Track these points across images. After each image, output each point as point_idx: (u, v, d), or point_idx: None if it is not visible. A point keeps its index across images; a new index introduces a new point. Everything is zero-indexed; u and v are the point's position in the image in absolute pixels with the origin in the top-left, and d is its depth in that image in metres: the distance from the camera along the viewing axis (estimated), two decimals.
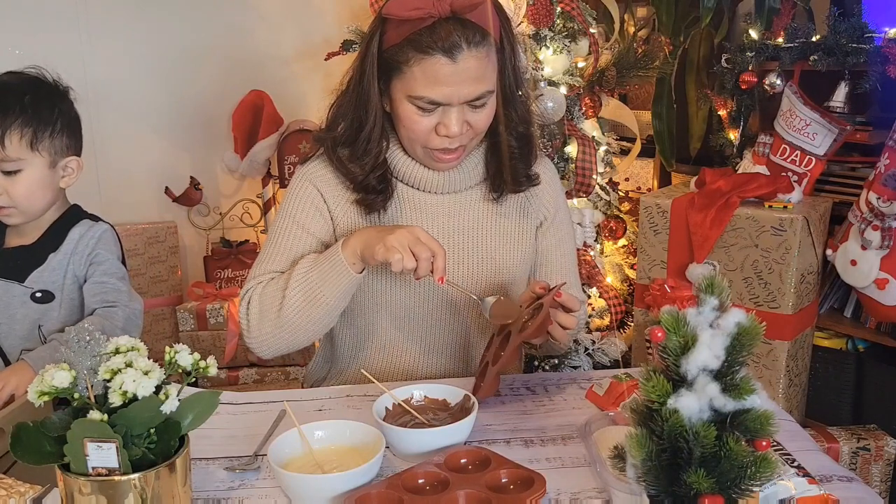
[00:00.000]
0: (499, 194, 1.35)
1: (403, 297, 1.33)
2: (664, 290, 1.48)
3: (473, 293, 1.23)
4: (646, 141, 2.95)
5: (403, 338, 1.37)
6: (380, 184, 1.30)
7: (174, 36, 2.83)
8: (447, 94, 1.19)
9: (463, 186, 1.35)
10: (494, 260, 1.36)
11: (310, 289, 1.21)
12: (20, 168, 1.31)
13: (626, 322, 2.61)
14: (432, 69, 1.17)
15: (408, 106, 1.22)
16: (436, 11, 1.16)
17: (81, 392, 0.83)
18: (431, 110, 1.21)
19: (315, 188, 1.33)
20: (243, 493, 0.98)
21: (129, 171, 2.84)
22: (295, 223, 1.31)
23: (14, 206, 1.33)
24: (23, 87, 1.32)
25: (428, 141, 1.24)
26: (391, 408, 1.11)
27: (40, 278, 1.37)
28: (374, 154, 1.28)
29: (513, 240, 1.38)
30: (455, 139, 1.23)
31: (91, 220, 1.43)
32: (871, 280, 2.05)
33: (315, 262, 1.23)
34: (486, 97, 1.22)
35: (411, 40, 1.17)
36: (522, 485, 0.92)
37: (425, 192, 1.34)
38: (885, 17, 2.25)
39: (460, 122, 1.22)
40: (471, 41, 1.17)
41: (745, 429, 0.71)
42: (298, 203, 1.32)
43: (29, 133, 1.30)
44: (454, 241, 1.35)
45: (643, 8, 3.19)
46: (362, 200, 1.30)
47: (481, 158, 1.36)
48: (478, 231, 1.36)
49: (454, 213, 1.35)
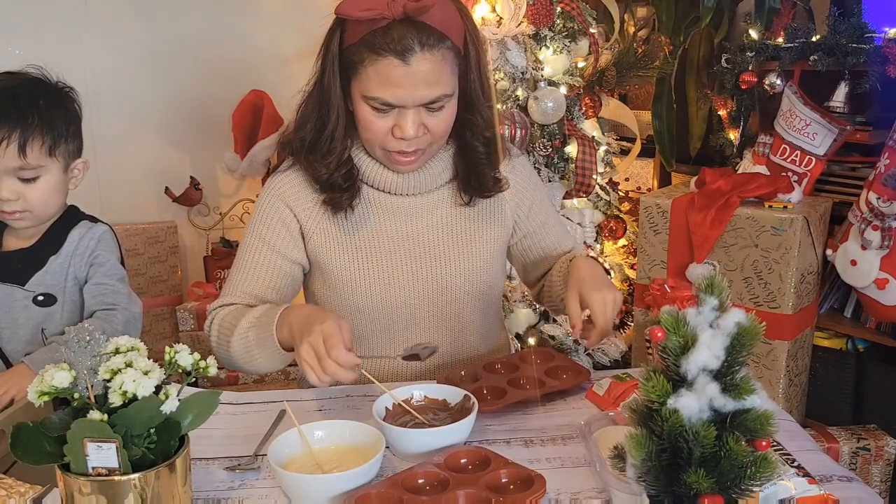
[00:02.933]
0: (469, 198, 1.34)
1: (379, 301, 1.33)
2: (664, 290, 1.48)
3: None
4: (646, 141, 2.95)
5: (387, 341, 1.36)
6: (346, 181, 1.29)
7: (174, 36, 2.83)
8: (400, 95, 1.18)
9: (427, 188, 1.34)
10: (461, 263, 1.35)
11: (248, 347, 1.22)
12: (38, 175, 1.31)
13: (626, 322, 2.61)
14: (385, 70, 1.16)
15: (364, 106, 1.22)
16: (389, 13, 1.15)
17: (81, 392, 0.83)
18: (386, 111, 1.21)
19: (283, 203, 1.32)
20: (243, 493, 0.98)
21: (129, 171, 2.84)
22: (262, 241, 1.31)
23: (29, 210, 1.33)
24: (34, 91, 1.32)
25: (385, 143, 1.24)
26: (391, 408, 1.11)
27: (42, 281, 1.36)
28: (339, 152, 1.28)
29: (480, 243, 1.37)
30: (411, 142, 1.22)
31: (90, 220, 1.42)
32: (871, 280, 2.05)
33: (256, 322, 1.21)
34: (443, 101, 1.21)
35: (366, 40, 1.17)
36: (522, 485, 0.92)
37: (390, 194, 1.33)
38: (885, 17, 2.25)
39: (416, 124, 1.21)
40: (424, 44, 1.16)
41: (745, 429, 0.71)
42: (266, 219, 1.32)
43: (49, 140, 1.30)
44: (419, 243, 1.34)
45: (643, 8, 3.19)
46: (328, 200, 1.30)
47: (449, 161, 1.35)
48: (444, 234, 1.35)
49: (420, 214, 1.34)
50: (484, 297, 1.39)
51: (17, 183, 1.30)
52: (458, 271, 1.35)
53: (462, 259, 1.36)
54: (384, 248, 1.33)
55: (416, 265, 1.34)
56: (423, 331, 1.37)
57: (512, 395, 1.17)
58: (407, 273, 1.33)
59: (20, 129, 1.26)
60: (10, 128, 1.26)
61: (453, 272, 1.35)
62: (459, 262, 1.36)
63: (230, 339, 1.23)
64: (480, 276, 1.37)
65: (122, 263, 1.43)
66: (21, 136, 1.27)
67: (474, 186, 1.34)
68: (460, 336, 1.40)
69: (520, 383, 1.22)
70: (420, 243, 1.34)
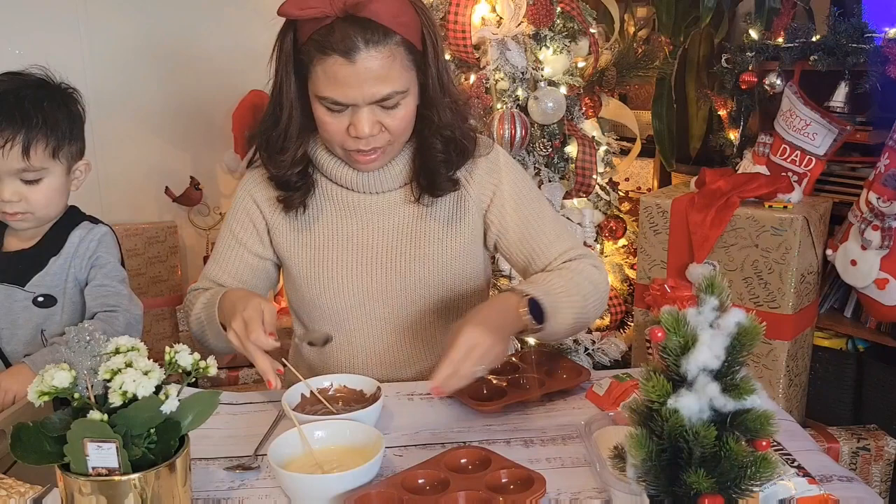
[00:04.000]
0: (418, 196, 1.31)
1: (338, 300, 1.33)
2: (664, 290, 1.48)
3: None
4: (646, 141, 2.95)
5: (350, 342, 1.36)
6: (300, 180, 1.30)
7: (174, 36, 2.82)
8: (350, 94, 1.16)
9: (387, 187, 1.32)
10: (420, 263, 1.32)
11: (201, 326, 1.30)
12: (41, 177, 1.31)
13: (626, 322, 2.61)
14: (332, 70, 1.15)
15: (318, 106, 1.21)
16: (330, 11, 1.13)
17: (81, 392, 0.83)
18: (340, 111, 1.19)
19: (251, 199, 1.36)
20: (243, 493, 0.98)
21: (129, 172, 2.84)
22: (232, 235, 1.37)
23: (32, 211, 1.32)
24: (38, 93, 1.31)
25: (343, 142, 1.23)
26: (307, 395, 1.16)
27: (42, 282, 1.36)
28: (292, 151, 1.27)
29: (439, 244, 1.33)
30: (368, 140, 1.21)
31: (91, 222, 1.42)
32: (871, 280, 2.05)
33: (205, 304, 1.29)
34: (397, 98, 1.19)
35: (313, 40, 1.16)
36: (522, 485, 0.92)
37: (350, 191, 1.32)
38: (885, 17, 2.25)
39: (370, 122, 1.19)
40: (369, 41, 1.14)
41: (746, 429, 0.71)
42: (236, 213, 1.38)
43: (52, 142, 1.30)
44: (380, 242, 1.33)
45: (643, 8, 3.19)
46: (281, 198, 1.31)
47: (408, 160, 1.32)
48: (404, 233, 1.33)
49: (379, 213, 1.32)
50: (447, 299, 1.35)
51: (19, 184, 1.30)
52: (414, 272, 1.32)
53: (419, 261, 1.32)
54: (339, 246, 1.33)
55: (370, 265, 1.32)
56: (382, 332, 1.35)
57: (512, 395, 1.18)
58: (361, 273, 1.32)
59: (24, 131, 1.26)
60: (14, 130, 1.26)
61: (409, 273, 1.32)
62: (416, 263, 1.32)
63: (189, 318, 1.34)
64: (440, 277, 1.33)
65: (122, 265, 1.43)
66: (25, 138, 1.26)
67: (424, 185, 1.30)
68: (421, 338, 1.37)
69: (520, 383, 1.22)
70: (376, 243, 1.33)
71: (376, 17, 1.14)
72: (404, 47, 1.18)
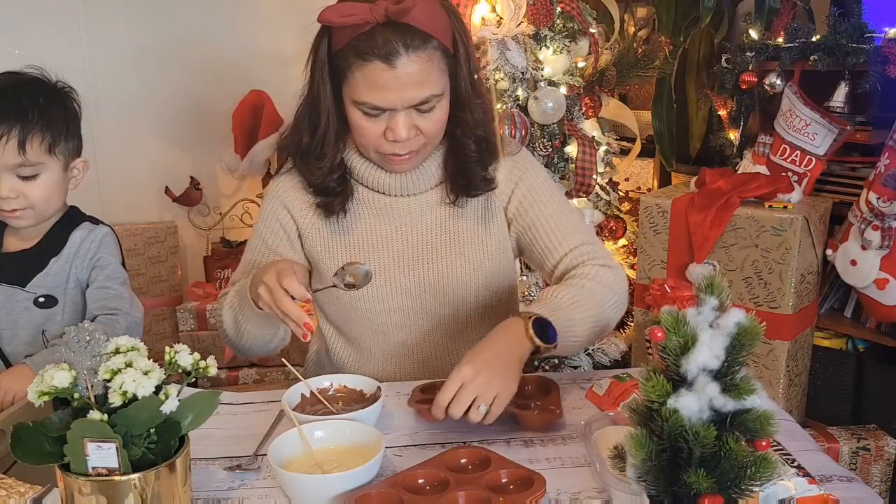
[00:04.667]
0: (455, 197, 1.33)
1: (375, 302, 1.33)
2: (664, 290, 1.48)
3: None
4: (646, 141, 2.95)
5: (384, 343, 1.37)
6: (338, 185, 1.30)
7: (174, 36, 2.83)
8: (389, 99, 1.18)
9: (421, 189, 1.33)
10: (456, 262, 1.34)
11: (235, 316, 1.28)
12: (38, 172, 1.31)
13: (626, 322, 2.61)
14: (372, 75, 1.16)
15: (355, 111, 1.22)
16: (371, 18, 1.14)
17: (81, 392, 0.83)
18: (377, 115, 1.20)
19: (282, 204, 1.36)
20: (243, 493, 0.98)
21: (129, 171, 2.84)
22: (262, 241, 1.37)
23: (30, 207, 1.32)
24: (34, 90, 1.32)
25: (378, 146, 1.24)
26: (307, 395, 1.15)
27: (42, 283, 1.36)
28: (331, 157, 1.28)
29: (473, 243, 1.35)
30: (404, 144, 1.22)
31: (91, 222, 1.42)
32: (870, 280, 2.05)
33: (238, 291, 1.28)
34: (433, 101, 1.21)
35: (351, 45, 1.17)
36: (522, 485, 0.92)
37: (384, 195, 1.33)
38: (885, 17, 2.25)
39: (408, 126, 1.21)
40: (409, 46, 1.15)
41: (745, 429, 0.71)
42: (266, 219, 1.37)
43: (48, 137, 1.30)
44: (416, 243, 1.34)
45: (643, 8, 3.19)
46: (321, 204, 1.32)
47: (440, 161, 1.34)
48: (437, 234, 1.34)
49: (413, 215, 1.34)
50: (482, 298, 1.38)
51: (16, 180, 1.30)
52: (450, 272, 1.34)
53: (455, 260, 1.34)
54: (376, 249, 1.33)
55: (407, 267, 1.34)
56: (418, 333, 1.37)
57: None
58: (399, 274, 1.33)
59: (20, 125, 1.27)
60: (10, 124, 1.26)
61: (446, 273, 1.34)
62: (452, 263, 1.34)
63: (223, 316, 1.31)
64: (476, 276, 1.35)
65: (123, 265, 1.43)
66: (21, 133, 1.27)
67: (461, 185, 1.32)
68: (459, 338, 1.39)
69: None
70: (412, 244, 1.34)
71: (416, 23, 1.15)
72: (441, 51, 1.20)
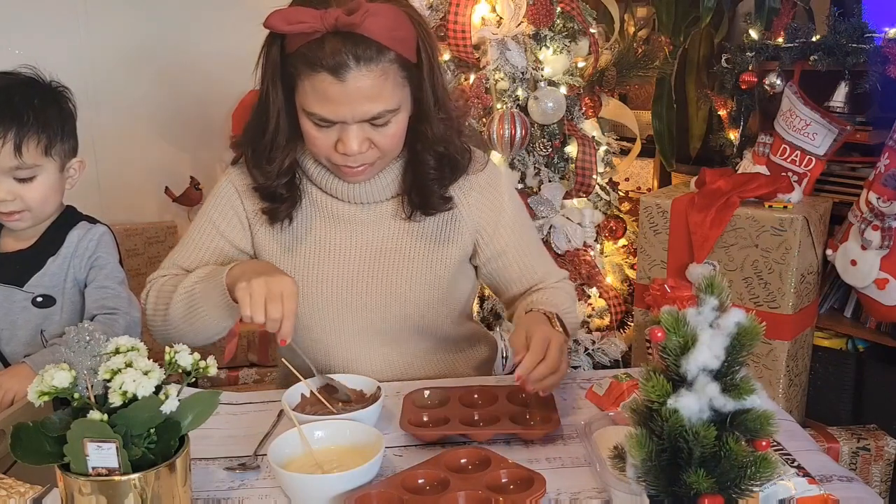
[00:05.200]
0: (410, 212, 1.27)
1: (319, 310, 1.29)
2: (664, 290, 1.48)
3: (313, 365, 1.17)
4: (646, 141, 2.95)
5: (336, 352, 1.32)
6: (286, 191, 1.25)
7: (174, 35, 2.82)
8: (339, 112, 1.12)
9: (376, 199, 1.27)
10: (407, 279, 1.28)
11: (193, 302, 1.20)
12: (35, 174, 1.30)
13: (626, 322, 2.61)
14: (321, 87, 1.10)
15: (305, 120, 1.16)
16: (321, 26, 1.07)
17: (81, 392, 0.83)
18: (328, 126, 1.15)
19: (236, 192, 1.30)
20: (243, 493, 0.98)
21: (128, 172, 2.84)
22: (211, 223, 1.30)
23: (27, 209, 1.32)
24: (28, 91, 1.31)
25: (330, 156, 1.18)
26: (308, 395, 1.15)
27: (40, 283, 1.36)
28: (279, 161, 1.22)
29: (425, 261, 1.29)
30: (357, 157, 1.16)
31: (88, 221, 1.42)
32: (870, 280, 2.05)
33: (204, 277, 1.21)
34: (388, 116, 1.14)
35: (301, 53, 1.10)
36: (522, 485, 0.92)
37: (338, 200, 1.28)
38: (885, 17, 2.25)
39: (360, 139, 1.15)
40: (361, 58, 1.08)
41: (745, 429, 0.71)
42: (218, 204, 1.31)
43: (44, 139, 1.29)
44: (364, 253, 1.28)
45: (643, 8, 3.19)
46: (266, 209, 1.26)
47: (398, 172, 1.27)
48: (390, 248, 1.29)
49: (366, 224, 1.28)
50: (430, 316, 1.32)
51: (13, 183, 1.29)
52: (397, 289, 1.28)
53: (403, 277, 1.28)
54: (322, 256, 1.28)
55: (353, 277, 1.28)
56: (360, 345, 1.31)
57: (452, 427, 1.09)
58: (342, 285, 1.28)
59: (16, 128, 1.26)
60: (6, 127, 1.26)
61: (392, 289, 1.28)
62: (400, 278, 1.28)
63: (170, 300, 1.22)
64: (424, 295, 1.29)
65: (121, 265, 1.43)
66: (17, 136, 1.26)
67: (416, 203, 1.26)
68: (405, 353, 1.34)
69: (474, 419, 1.13)
70: (361, 255, 1.28)
71: (370, 34, 1.08)
72: (398, 64, 1.13)
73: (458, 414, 1.13)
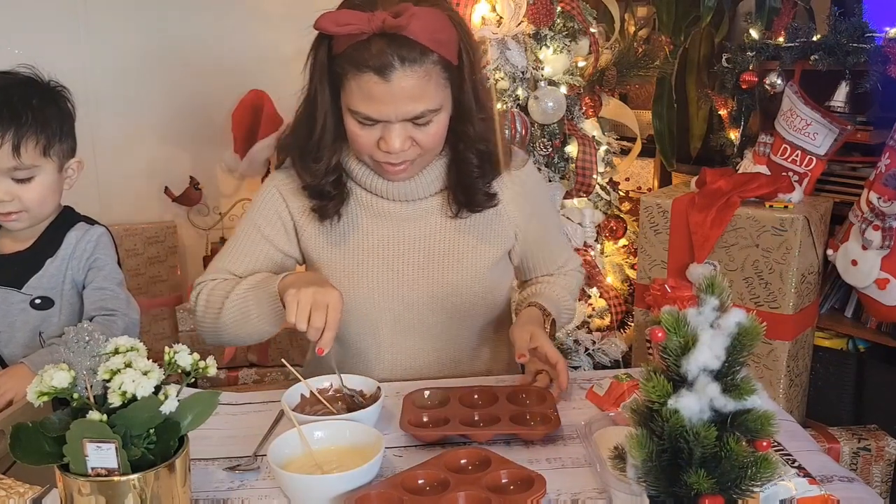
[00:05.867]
0: (457, 211, 1.32)
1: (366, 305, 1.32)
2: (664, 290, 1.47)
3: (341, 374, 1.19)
4: (646, 141, 2.95)
5: (377, 345, 1.36)
6: (334, 189, 1.29)
7: (174, 35, 2.82)
8: (383, 111, 1.16)
9: (419, 196, 1.32)
10: (451, 272, 1.33)
11: (245, 308, 1.25)
12: (33, 175, 1.30)
13: (627, 322, 2.61)
14: (366, 86, 1.14)
15: (350, 118, 1.21)
16: (368, 28, 1.11)
17: (81, 392, 0.83)
18: (371, 125, 1.19)
19: (281, 196, 1.34)
20: (243, 494, 0.98)
21: (129, 171, 2.84)
22: (255, 228, 1.34)
23: (25, 210, 1.31)
24: (27, 91, 1.31)
25: (372, 154, 1.23)
26: (307, 395, 1.15)
27: (39, 284, 1.35)
28: (326, 160, 1.27)
29: (470, 256, 1.34)
30: (399, 154, 1.21)
31: (87, 222, 1.41)
32: (871, 280, 2.04)
33: (257, 284, 1.26)
34: (429, 115, 1.19)
35: (347, 54, 1.15)
36: (522, 485, 0.92)
37: (382, 199, 1.32)
38: (885, 17, 2.25)
39: (402, 138, 1.19)
40: (405, 59, 1.13)
41: (746, 429, 0.71)
42: (262, 208, 1.35)
43: (43, 140, 1.29)
44: (411, 249, 1.33)
45: (643, 7, 3.19)
46: (315, 207, 1.30)
47: (441, 170, 1.32)
48: (436, 243, 1.33)
49: (411, 221, 1.33)
50: (471, 312, 1.36)
51: (11, 184, 1.29)
52: (445, 281, 1.33)
53: (450, 270, 1.33)
54: (371, 253, 1.32)
55: (401, 272, 1.32)
56: (408, 338, 1.36)
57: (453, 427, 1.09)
58: (392, 279, 1.32)
59: (14, 128, 1.26)
60: (4, 128, 1.25)
61: (440, 282, 1.33)
62: (448, 272, 1.33)
63: (222, 305, 1.27)
64: (470, 288, 1.34)
65: (119, 265, 1.43)
66: (15, 136, 1.26)
67: (462, 200, 1.31)
68: (448, 345, 1.38)
69: (474, 420, 1.12)
70: (407, 250, 1.33)
71: (414, 36, 1.12)
72: (440, 65, 1.17)
73: (458, 414, 1.12)
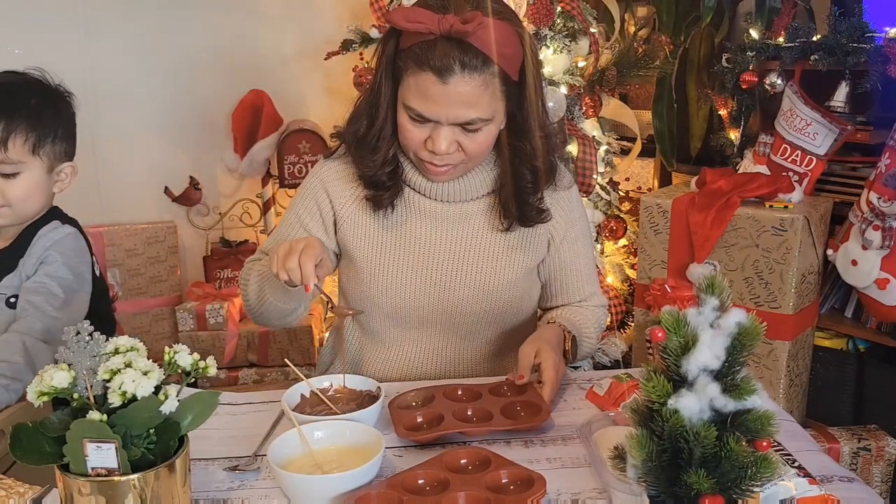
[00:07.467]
0: (509, 224, 1.33)
1: (398, 299, 1.34)
2: (664, 290, 1.48)
3: (330, 300, 1.25)
4: (646, 141, 2.95)
5: (402, 338, 1.39)
6: (389, 180, 1.31)
7: (174, 35, 2.82)
8: (435, 112, 1.19)
9: (461, 198, 1.34)
10: (481, 279, 1.34)
11: (261, 284, 1.30)
12: (19, 171, 1.30)
13: (627, 322, 2.61)
14: (423, 84, 1.17)
15: (402, 112, 1.23)
16: (436, 29, 1.14)
17: (81, 392, 0.83)
18: (422, 122, 1.21)
19: (323, 188, 1.37)
20: (243, 494, 0.98)
21: (128, 171, 2.84)
22: (297, 217, 1.38)
23: (8, 205, 1.31)
24: (28, 89, 1.31)
25: (417, 150, 1.25)
26: (307, 395, 1.15)
27: (11, 283, 1.33)
28: (384, 151, 1.29)
29: (508, 263, 1.35)
30: (443, 157, 1.23)
31: (61, 221, 1.38)
32: (871, 280, 2.04)
33: (264, 265, 1.31)
34: (480, 124, 1.21)
35: (412, 51, 1.18)
36: (522, 485, 0.92)
37: (426, 198, 1.34)
38: (885, 17, 2.25)
39: (448, 141, 1.21)
40: (466, 65, 1.15)
41: (746, 429, 0.71)
42: (304, 199, 1.38)
43: (32, 137, 1.29)
44: (445, 249, 1.34)
45: (643, 7, 3.19)
46: (371, 197, 1.32)
47: (489, 176, 1.34)
48: (470, 247, 1.35)
49: (450, 221, 1.34)
50: (500, 317, 1.38)
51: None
52: (475, 286, 1.34)
53: (482, 275, 1.34)
54: (407, 248, 1.34)
55: (435, 271, 1.34)
56: (435, 336, 1.38)
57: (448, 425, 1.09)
58: (424, 277, 1.34)
59: (4, 122, 1.26)
60: None
61: (474, 285, 1.34)
62: (483, 275, 1.34)
63: (248, 283, 1.35)
64: (499, 295, 1.36)
65: (94, 272, 1.38)
66: (4, 131, 1.26)
67: (515, 215, 1.32)
68: (473, 348, 1.40)
69: (466, 415, 1.13)
70: (441, 251, 1.34)
71: (479, 45, 1.14)
72: (500, 78, 1.19)
73: (451, 409, 1.13)
